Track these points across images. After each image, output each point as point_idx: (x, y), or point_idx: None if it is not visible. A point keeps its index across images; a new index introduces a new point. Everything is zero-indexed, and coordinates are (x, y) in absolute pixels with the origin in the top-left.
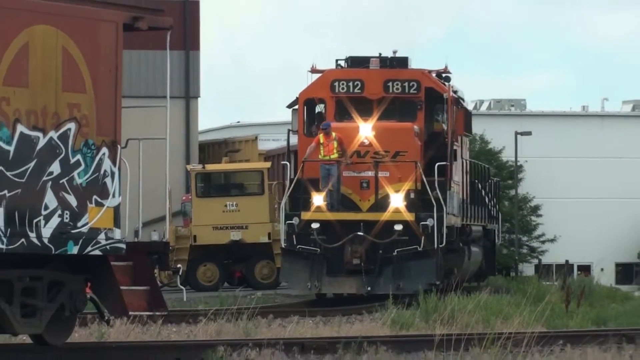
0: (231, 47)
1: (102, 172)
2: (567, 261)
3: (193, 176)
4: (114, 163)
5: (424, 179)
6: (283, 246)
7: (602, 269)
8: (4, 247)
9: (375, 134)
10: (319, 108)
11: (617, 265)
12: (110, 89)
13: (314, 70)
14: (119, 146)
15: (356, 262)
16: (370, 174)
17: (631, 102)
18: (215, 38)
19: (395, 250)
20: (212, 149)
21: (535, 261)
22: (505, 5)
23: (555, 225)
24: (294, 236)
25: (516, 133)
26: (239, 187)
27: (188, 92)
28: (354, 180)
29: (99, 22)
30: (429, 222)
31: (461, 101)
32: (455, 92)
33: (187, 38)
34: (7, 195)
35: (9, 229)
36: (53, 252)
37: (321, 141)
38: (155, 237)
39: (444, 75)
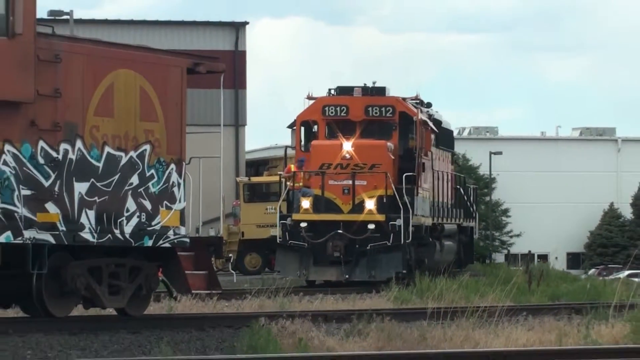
0: (270, 87)
1: (170, 182)
2: (529, 251)
3: (241, 186)
4: (180, 176)
5: (394, 187)
6: (278, 241)
7: (556, 257)
8: (94, 240)
9: (355, 150)
10: (314, 128)
11: (568, 254)
12: (176, 119)
13: (309, 97)
14: (184, 163)
15: (337, 254)
16: (350, 182)
17: (579, 128)
18: (258, 79)
19: (369, 245)
20: (256, 165)
21: (505, 251)
22: (482, 56)
23: (520, 224)
24: (286, 233)
25: (490, 153)
26: (275, 194)
27: (237, 121)
28: (337, 187)
29: (168, 67)
30: (397, 222)
31: (430, 123)
32: (431, 115)
33: (236, 79)
34: (97, 200)
35: (98, 227)
36: (133, 244)
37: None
38: (212, 233)
39: (425, 102)
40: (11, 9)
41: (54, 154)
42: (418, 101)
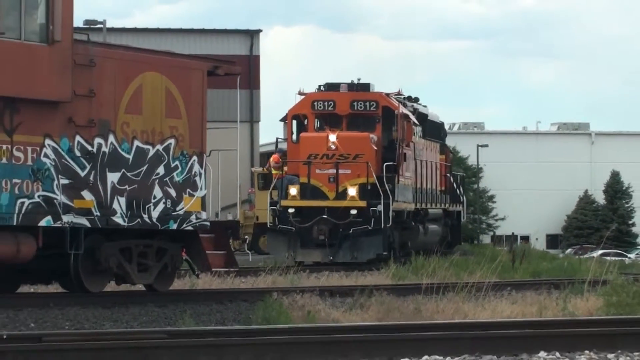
0: (281, 87)
1: (193, 173)
2: (512, 233)
3: (256, 176)
4: (201, 166)
5: (375, 176)
6: (269, 226)
7: (537, 239)
8: (125, 224)
9: (340, 141)
10: (305, 121)
11: (547, 235)
12: (198, 116)
13: (300, 93)
14: (204, 155)
15: (322, 237)
16: (335, 171)
17: (557, 123)
18: (271, 80)
19: (352, 229)
20: (269, 157)
21: (491, 233)
22: (470, 60)
23: (505, 209)
24: (276, 218)
25: (477, 145)
26: None
27: (252, 117)
28: (323, 176)
29: (190, 70)
30: (378, 207)
31: (411, 116)
32: (415, 109)
33: (251, 81)
34: (128, 189)
35: (129, 212)
36: (159, 228)
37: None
38: (229, 217)
39: (413, 97)
40: (51, 19)
41: (89, 147)
42: (402, 96)
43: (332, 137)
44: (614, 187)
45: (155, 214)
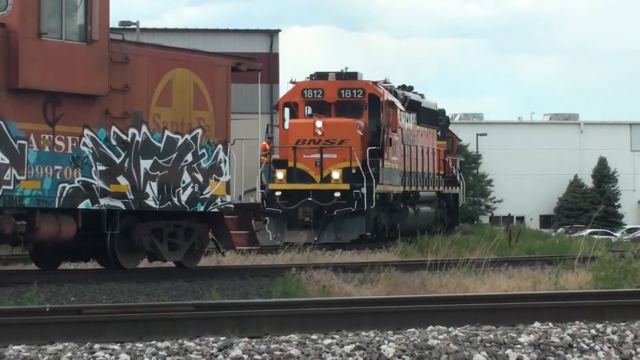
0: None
1: (218, 159)
2: (509, 214)
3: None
4: (225, 154)
5: (358, 160)
6: None
7: (531, 219)
8: (157, 206)
9: (327, 127)
10: (296, 108)
11: (541, 216)
12: (223, 108)
13: (291, 82)
14: (229, 143)
15: (307, 219)
16: (320, 155)
17: (549, 114)
18: (288, 76)
19: (335, 211)
20: None
21: (489, 214)
22: (470, 56)
23: (502, 192)
24: (264, 201)
25: (477, 134)
26: None
27: (271, 109)
28: (310, 161)
29: (216, 66)
30: (362, 190)
31: (397, 103)
32: (407, 97)
33: (271, 76)
34: (159, 174)
35: (160, 196)
36: (188, 210)
37: (267, 148)
38: (251, 200)
39: (407, 86)
40: (89, 21)
41: (124, 137)
42: (390, 85)
43: (319, 123)
44: (601, 172)
45: (184, 197)
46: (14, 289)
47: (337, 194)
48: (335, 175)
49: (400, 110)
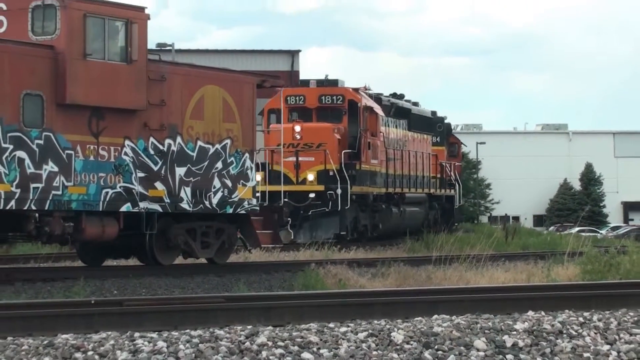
0: None
1: (245, 167)
2: (506, 214)
3: None
4: (252, 161)
5: (332, 162)
6: None
7: (525, 218)
8: (190, 209)
9: (305, 132)
10: (279, 114)
11: (534, 216)
12: (249, 120)
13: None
14: (254, 152)
15: (285, 219)
16: (300, 158)
17: (541, 124)
18: None
19: (311, 211)
20: None
21: (488, 214)
22: (470, 73)
23: (499, 194)
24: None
25: (477, 143)
26: None
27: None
28: (290, 163)
29: (243, 83)
30: (336, 191)
31: (376, 109)
32: (393, 104)
33: None
34: (192, 180)
35: (193, 199)
36: (218, 212)
37: None
38: (275, 203)
39: (399, 94)
40: (129, 43)
41: (161, 147)
42: (371, 91)
43: (297, 128)
44: (588, 176)
45: (215, 200)
46: (62, 283)
47: (312, 195)
48: (310, 177)
49: (381, 115)
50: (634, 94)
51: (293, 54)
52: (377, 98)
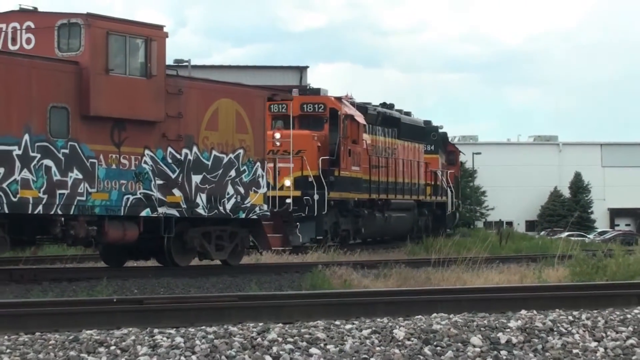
0: None
1: (257, 175)
2: (500, 219)
3: None
4: (262, 170)
5: (314, 169)
6: None
7: (518, 224)
8: (206, 214)
9: (285, 139)
10: None
11: (526, 221)
12: (261, 131)
13: None
14: (265, 161)
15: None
16: (281, 165)
17: (533, 136)
18: None
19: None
20: None
21: (483, 220)
22: (467, 88)
23: (494, 201)
24: None
25: (473, 153)
26: None
27: None
28: (270, 169)
29: (255, 97)
30: (313, 197)
31: (357, 117)
32: (380, 113)
33: None
34: (208, 187)
35: (208, 205)
36: (231, 217)
37: None
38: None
39: (388, 103)
40: (149, 59)
41: (178, 156)
42: (352, 100)
43: (277, 135)
44: (577, 184)
45: (228, 206)
46: (86, 282)
47: (288, 200)
48: (287, 182)
49: (363, 124)
50: (620, 108)
51: (301, 70)
52: (363, 107)
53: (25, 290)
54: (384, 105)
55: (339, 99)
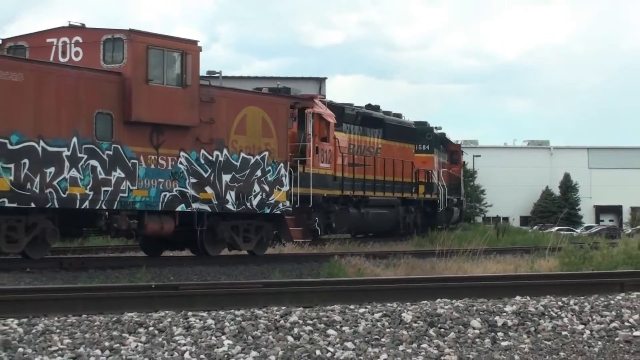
0: None
1: (280, 174)
2: (497, 215)
3: None
4: (285, 170)
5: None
6: None
7: (513, 219)
8: (235, 209)
9: None
10: None
11: (521, 217)
12: (284, 135)
13: None
14: (288, 162)
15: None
16: None
17: (527, 140)
18: None
19: None
20: None
21: (483, 215)
22: (469, 97)
23: (492, 198)
24: None
25: (473, 156)
26: None
27: None
28: None
29: (278, 105)
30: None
31: (325, 117)
32: (357, 112)
33: None
34: (236, 185)
35: (237, 201)
36: (257, 212)
37: None
38: (311, 204)
39: (374, 105)
40: (184, 70)
41: (210, 157)
42: (326, 100)
43: None
44: (566, 184)
45: (255, 202)
46: (128, 270)
47: None
48: None
49: (333, 122)
50: (606, 116)
51: (320, 81)
52: (340, 107)
53: (73, 277)
54: (368, 107)
55: (311, 98)
